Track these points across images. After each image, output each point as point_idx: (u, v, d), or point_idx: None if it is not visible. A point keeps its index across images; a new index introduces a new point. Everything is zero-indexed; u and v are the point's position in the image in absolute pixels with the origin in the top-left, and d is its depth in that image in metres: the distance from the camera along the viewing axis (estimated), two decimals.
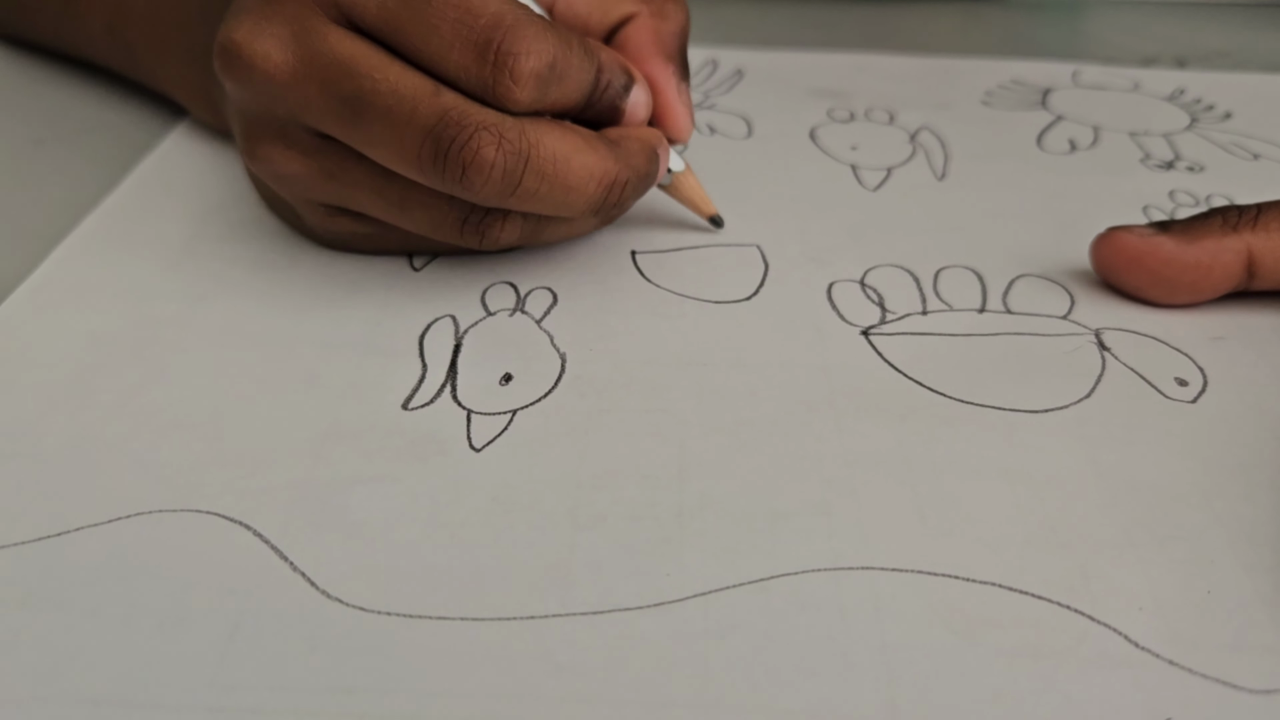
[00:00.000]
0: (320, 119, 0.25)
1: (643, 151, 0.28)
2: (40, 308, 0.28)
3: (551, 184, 0.25)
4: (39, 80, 0.42)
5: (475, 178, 0.24)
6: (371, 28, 0.24)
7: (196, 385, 0.26)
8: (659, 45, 0.30)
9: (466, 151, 0.24)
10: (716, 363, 0.27)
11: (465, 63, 0.24)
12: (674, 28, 0.30)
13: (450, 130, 0.24)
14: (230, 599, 0.20)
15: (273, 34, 0.24)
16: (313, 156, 0.26)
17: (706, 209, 0.32)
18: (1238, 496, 0.23)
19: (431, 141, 0.24)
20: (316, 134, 0.26)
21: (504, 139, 0.24)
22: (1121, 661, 0.19)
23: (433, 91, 0.24)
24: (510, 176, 0.24)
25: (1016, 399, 0.26)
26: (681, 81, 0.30)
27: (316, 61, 0.24)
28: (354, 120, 0.24)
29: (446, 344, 0.27)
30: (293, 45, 0.24)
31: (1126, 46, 0.50)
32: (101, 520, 0.22)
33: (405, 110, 0.24)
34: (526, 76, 0.24)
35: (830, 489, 0.23)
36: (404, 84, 0.24)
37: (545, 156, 0.25)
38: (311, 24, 0.24)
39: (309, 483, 0.23)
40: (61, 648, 0.19)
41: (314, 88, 0.24)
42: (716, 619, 0.20)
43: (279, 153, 0.26)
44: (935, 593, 0.20)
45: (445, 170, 0.24)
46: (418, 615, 0.20)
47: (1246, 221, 0.28)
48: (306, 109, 0.25)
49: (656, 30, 0.30)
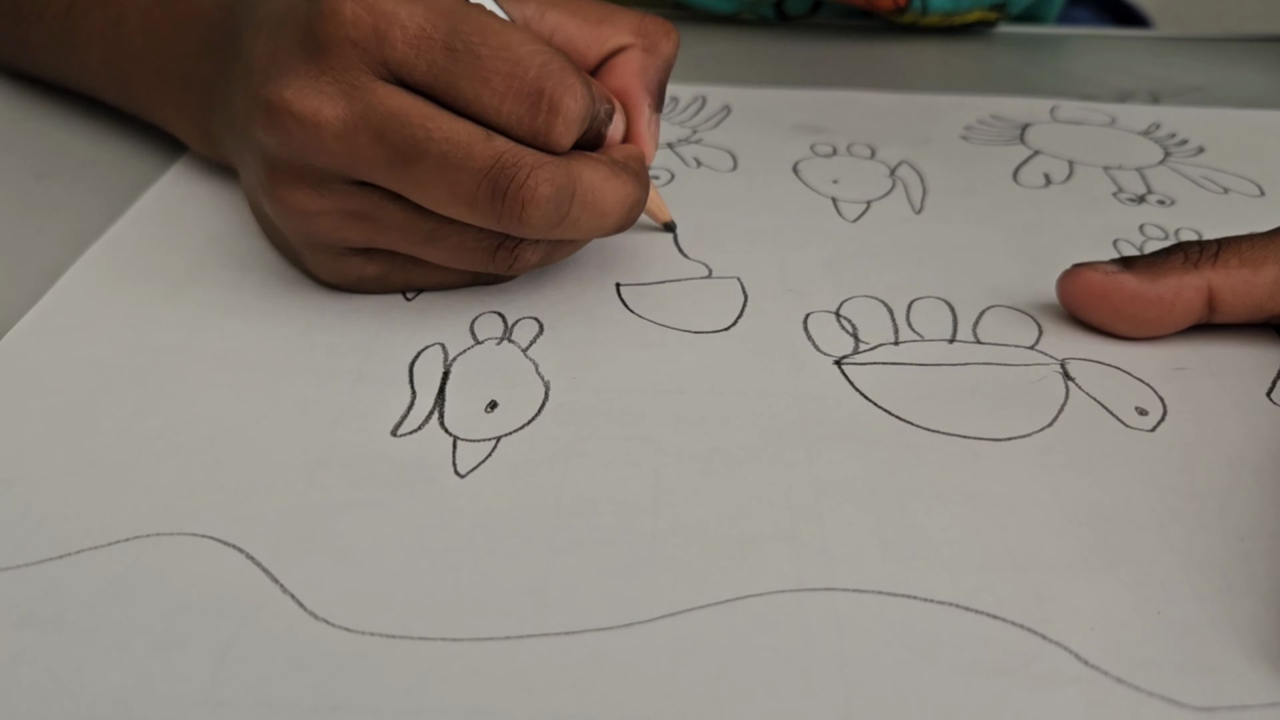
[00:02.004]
0: (371, 170, 0.26)
1: (644, 170, 0.30)
2: (44, 336, 0.29)
3: (591, 211, 0.28)
4: (41, 114, 0.44)
5: (534, 213, 0.26)
6: (420, 83, 0.26)
7: (194, 412, 0.27)
8: (642, 78, 0.32)
9: (525, 190, 0.26)
10: (694, 391, 0.28)
11: (519, 112, 0.26)
12: (660, 61, 0.32)
13: (508, 171, 0.26)
14: (223, 620, 0.21)
15: (322, 91, 0.26)
16: (343, 199, 0.28)
17: (663, 216, 0.35)
18: (1191, 523, 0.24)
19: (489, 183, 0.26)
20: (350, 180, 0.27)
21: (555, 177, 0.26)
22: (1072, 679, 0.20)
23: (485, 137, 0.26)
24: (560, 209, 0.27)
25: (982, 428, 0.27)
26: (654, 113, 0.32)
27: (369, 116, 0.26)
28: (407, 168, 0.26)
29: (435, 371, 0.28)
30: (343, 102, 0.26)
31: (1104, 82, 0.51)
32: (101, 543, 0.23)
33: (460, 155, 0.26)
34: (575, 120, 0.26)
35: (798, 515, 0.24)
36: (458, 131, 0.26)
37: (586, 187, 0.27)
38: (360, 81, 0.26)
39: (300, 508, 0.24)
40: (60, 667, 0.20)
41: (365, 140, 0.26)
42: (684, 638, 0.21)
43: (310, 200, 0.28)
44: (894, 613, 0.21)
45: (504, 209, 0.26)
46: (401, 636, 0.21)
47: (1207, 258, 0.29)
48: (357, 162, 0.26)
49: (644, 64, 0.32)
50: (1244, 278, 0.29)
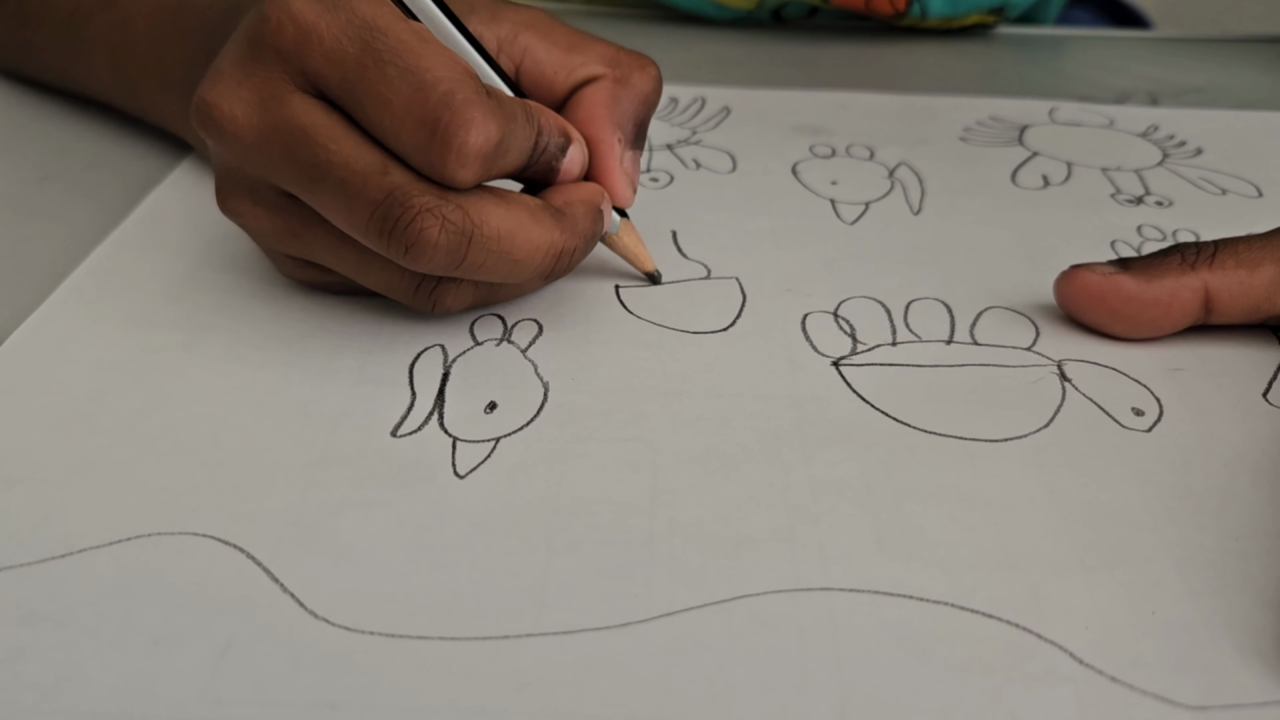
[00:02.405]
0: (282, 180, 0.26)
1: (588, 215, 0.29)
2: (47, 337, 0.29)
3: (498, 258, 0.26)
4: (44, 117, 0.44)
5: (419, 254, 0.25)
6: (334, 97, 0.26)
7: (196, 412, 0.27)
8: (610, 111, 0.30)
9: (410, 231, 0.25)
10: (692, 392, 0.28)
11: (415, 140, 0.25)
12: (634, 95, 0.31)
13: (395, 210, 0.25)
14: (223, 618, 0.21)
15: (242, 97, 0.26)
16: (278, 213, 0.28)
17: (644, 265, 0.33)
18: (1186, 523, 0.24)
19: (379, 218, 0.25)
20: (283, 193, 0.27)
21: (447, 220, 0.25)
22: (1066, 678, 0.20)
23: (381, 170, 0.25)
24: (455, 253, 0.25)
25: (978, 429, 0.27)
26: (630, 149, 0.31)
27: (279, 127, 0.25)
28: (311, 187, 0.26)
29: (435, 372, 0.29)
30: (259, 110, 0.26)
31: (1102, 83, 0.51)
32: (102, 542, 0.23)
33: (357, 184, 0.25)
34: (472, 157, 0.25)
35: (794, 515, 0.24)
36: (356, 159, 0.25)
37: (489, 235, 0.26)
38: (278, 90, 0.25)
39: (301, 507, 0.24)
40: (62, 663, 0.20)
41: (276, 151, 0.26)
42: (680, 638, 0.21)
43: (247, 207, 0.28)
44: (889, 612, 0.22)
45: (391, 244, 0.25)
46: (400, 635, 0.21)
47: (1204, 259, 0.29)
48: (270, 170, 0.26)
49: (614, 96, 0.30)
50: (1240, 279, 0.29)
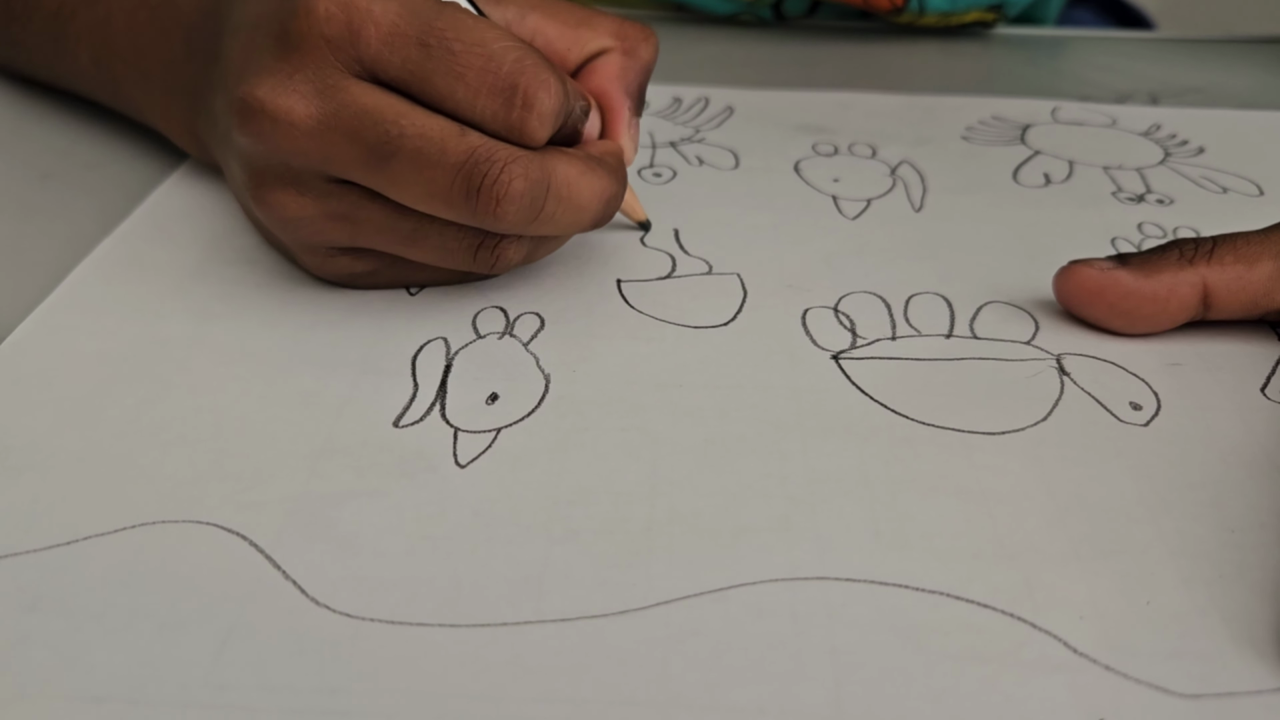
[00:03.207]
0: (345, 167, 0.27)
1: (621, 165, 0.31)
2: (53, 330, 0.30)
3: (567, 206, 0.28)
4: (46, 116, 0.44)
5: (509, 208, 0.26)
6: (395, 80, 0.26)
7: (200, 403, 0.27)
8: (622, 81, 0.32)
9: (499, 185, 0.26)
10: (692, 385, 0.28)
11: (493, 107, 0.26)
12: (639, 65, 0.33)
13: (482, 166, 0.26)
14: (226, 605, 0.22)
15: (295, 90, 0.26)
16: (324, 201, 0.28)
17: (637, 214, 0.35)
18: (1182, 515, 0.24)
19: (464, 178, 0.26)
20: (330, 179, 0.28)
21: (529, 171, 0.26)
22: (1060, 666, 0.21)
23: (459, 132, 0.26)
24: (536, 204, 0.27)
25: (976, 421, 0.27)
26: (634, 116, 0.33)
27: (342, 113, 0.26)
28: (381, 165, 0.26)
29: (438, 364, 0.29)
30: (316, 100, 0.26)
31: (1103, 83, 0.51)
32: (108, 530, 0.23)
33: (434, 151, 0.26)
34: (549, 115, 0.26)
35: (792, 505, 0.24)
36: (431, 127, 0.26)
37: (561, 182, 0.27)
38: (333, 79, 0.26)
39: (303, 496, 0.24)
40: (67, 649, 0.20)
41: (340, 138, 0.26)
42: (677, 625, 0.21)
43: (292, 199, 0.28)
44: (885, 601, 0.22)
45: (478, 204, 0.26)
46: (400, 622, 0.21)
47: (1202, 255, 0.29)
48: (331, 159, 0.27)
49: (623, 67, 0.32)
50: (1238, 274, 0.29)
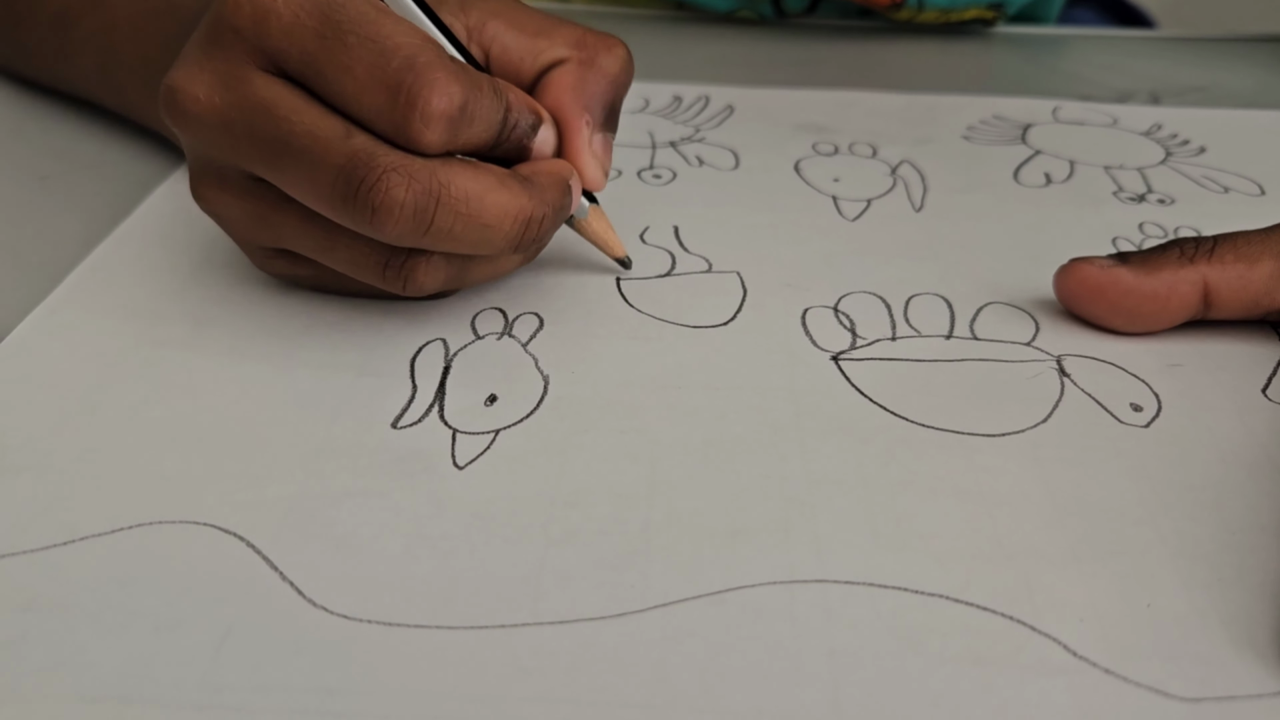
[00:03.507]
0: (247, 161, 0.26)
1: (555, 185, 0.29)
2: (52, 330, 0.30)
3: (466, 223, 0.26)
4: (44, 117, 0.44)
5: (385, 218, 0.25)
6: (295, 73, 0.26)
7: (198, 404, 0.27)
8: (578, 93, 0.30)
9: (375, 192, 0.25)
10: (691, 386, 0.28)
11: (378, 104, 0.25)
12: (601, 77, 0.31)
13: (359, 171, 0.25)
14: (223, 605, 0.21)
15: (204, 80, 0.26)
16: (246, 199, 0.28)
17: (615, 250, 0.33)
18: (1182, 516, 0.24)
19: (342, 182, 0.25)
20: (250, 177, 0.27)
21: (413, 180, 0.25)
22: (1059, 669, 0.20)
23: (344, 134, 0.25)
24: (421, 215, 0.25)
25: (975, 423, 0.27)
26: (600, 132, 0.31)
27: (241, 105, 0.26)
28: (275, 162, 0.26)
29: (436, 366, 0.29)
30: (220, 90, 0.26)
31: (1104, 82, 0.51)
32: (105, 530, 0.23)
33: (319, 151, 0.25)
34: (436, 118, 0.25)
35: (790, 507, 0.24)
36: (319, 127, 0.25)
37: (458, 196, 0.26)
38: (240, 70, 0.26)
39: (300, 497, 0.24)
40: (64, 648, 0.20)
41: (240, 130, 0.26)
42: (674, 628, 0.21)
43: (215, 194, 0.28)
44: (883, 603, 0.22)
45: (355, 210, 0.25)
46: (397, 623, 0.21)
47: (1203, 253, 0.29)
48: (234, 151, 0.26)
49: (580, 78, 0.30)
50: (1239, 273, 0.29)
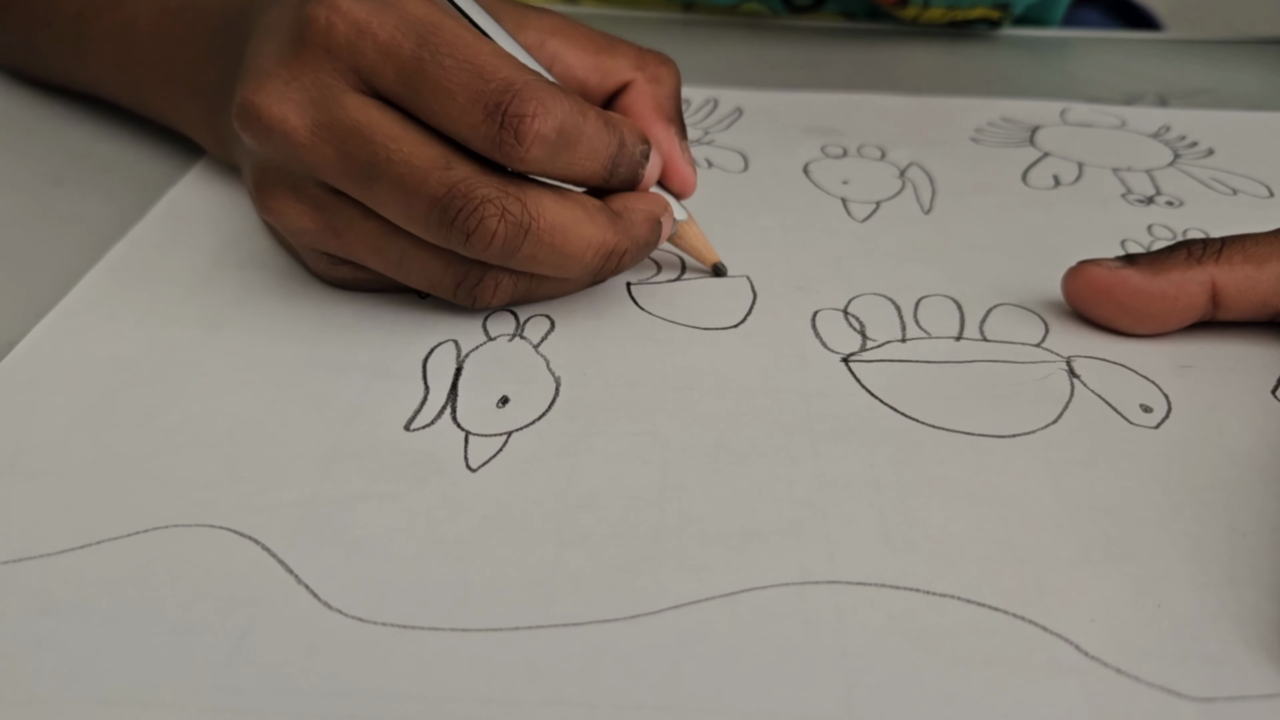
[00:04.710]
0: (335, 179, 0.27)
1: (646, 221, 0.30)
2: (67, 334, 0.30)
3: (550, 251, 0.27)
4: (57, 120, 0.44)
5: (478, 243, 0.26)
6: (390, 93, 0.26)
7: (212, 407, 0.27)
8: (659, 109, 0.32)
9: (471, 221, 0.26)
10: (702, 387, 0.28)
11: (476, 124, 0.26)
12: (668, 90, 0.33)
13: (457, 202, 0.26)
14: (238, 609, 0.22)
15: (292, 99, 0.26)
16: (320, 211, 0.28)
17: (709, 257, 0.33)
18: (1192, 518, 0.24)
19: (440, 211, 0.26)
20: (329, 190, 0.28)
21: (507, 211, 0.26)
22: (1071, 669, 0.21)
23: (443, 165, 0.26)
24: (511, 244, 0.26)
25: (986, 424, 0.27)
26: (682, 140, 0.32)
27: (334, 127, 0.26)
28: (367, 184, 0.26)
29: (448, 367, 0.29)
30: (311, 110, 0.26)
31: (1111, 84, 0.51)
32: (121, 534, 0.23)
33: (415, 180, 0.26)
34: (533, 138, 0.26)
35: (802, 509, 0.24)
36: (416, 155, 0.26)
37: (545, 227, 0.27)
38: (331, 90, 0.26)
39: (315, 500, 0.24)
40: (81, 651, 0.21)
41: (331, 151, 0.26)
42: (687, 630, 0.21)
43: (289, 205, 0.28)
44: (895, 604, 0.22)
45: (450, 234, 0.26)
46: (412, 626, 0.21)
47: (1210, 254, 0.29)
48: (322, 169, 0.27)
49: (654, 95, 0.32)
50: (1248, 274, 0.29)
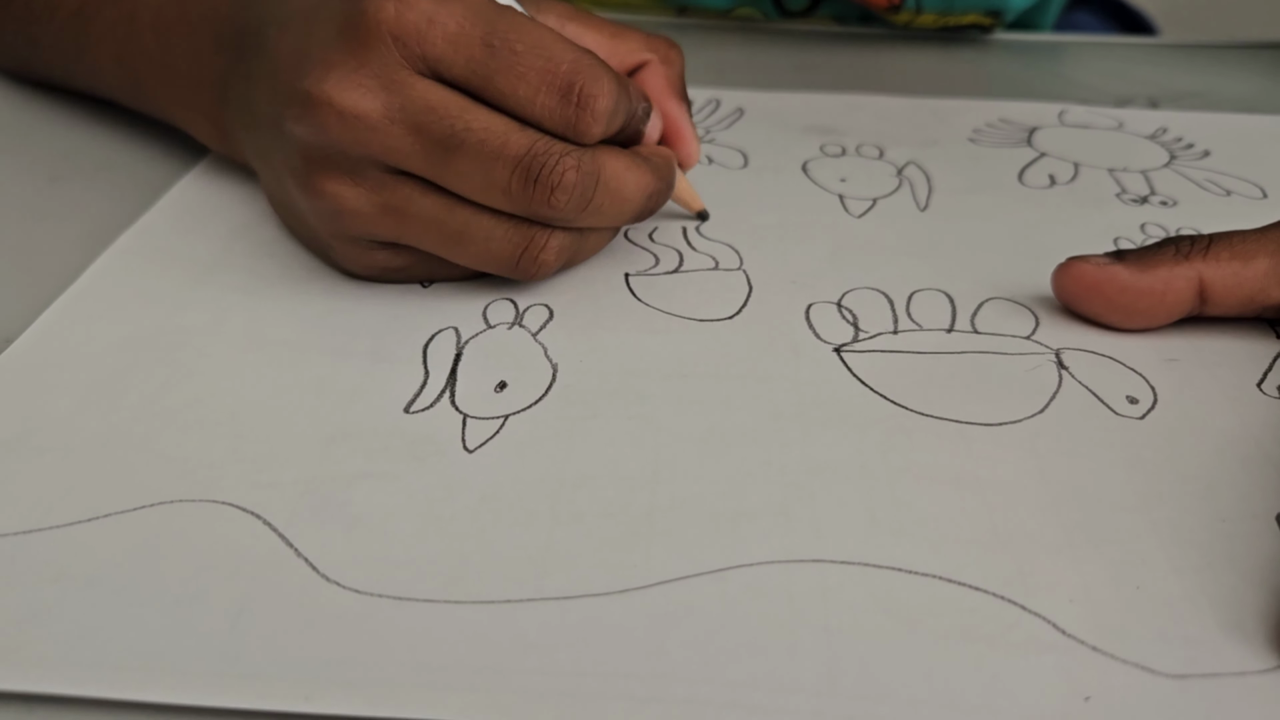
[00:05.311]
0: (407, 159, 0.28)
1: (667, 164, 0.33)
2: (77, 316, 0.31)
3: (614, 198, 0.30)
4: (54, 118, 0.44)
5: (561, 196, 0.28)
6: (458, 79, 0.28)
7: (217, 388, 0.28)
8: (671, 87, 0.36)
9: (554, 175, 0.28)
10: (696, 375, 0.29)
11: (552, 104, 0.28)
12: (677, 70, 0.36)
13: (540, 159, 0.28)
14: (240, 580, 0.22)
15: (361, 84, 0.27)
16: (378, 192, 0.29)
17: (695, 204, 0.37)
18: (1175, 505, 0.25)
19: (523, 168, 0.28)
20: (390, 171, 0.29)
21: (581, 164, 0.28)
22: (1049, 647, 0.21)
23: (519, 128, 0.28)
24: (586, 194, 0.29)
25: (974, 413, 0.28)
26: (690, 115, 0.36)
27: (407, 108, 0.27)
28: (445, 157, 0.28)
29: (448, 353, 0.30)
30: (383, 94, 0.28)
31: (1102, 88, 0.52)
32: (128, 508, 0.24)
33: (497, 144, 0.28)
34: (602, 114, 0.28)
35: (790, 491, 0.25)
36: (491, 123, 0.28)
37: (610, 175, 0.29)
38: (399, 75, 0.28)
39: (316, 478, 0.25)
40: (88, 620, 0.21)
41: (403, 131, 0.28)
42: (675, 603, 0.22)
43: (345, 188, 0.29)
44: (879, 583, 0.22)
45: (535, 193, 0.28)
46: (407, 598, 0.22)
47: (1198, 251, 0.30)
48: (394, 151, 0.28)
49: (666, 75, 0.36)
50: (1234, 270, 0.29)
